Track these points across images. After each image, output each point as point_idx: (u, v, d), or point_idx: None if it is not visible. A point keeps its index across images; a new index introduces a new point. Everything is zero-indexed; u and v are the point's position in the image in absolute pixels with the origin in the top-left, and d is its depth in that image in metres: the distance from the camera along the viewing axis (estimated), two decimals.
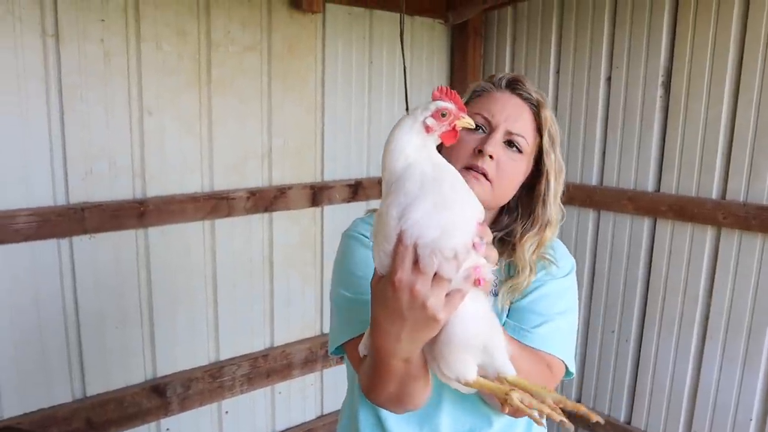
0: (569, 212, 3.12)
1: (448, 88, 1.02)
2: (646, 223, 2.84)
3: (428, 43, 3.24)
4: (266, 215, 2.80)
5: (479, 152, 1.26)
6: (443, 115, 0.99)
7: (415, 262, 0.89)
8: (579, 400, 3.19)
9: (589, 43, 2.95)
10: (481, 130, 1.30)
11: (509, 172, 1.30)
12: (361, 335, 1.16)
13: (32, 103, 2.15)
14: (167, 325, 2.59)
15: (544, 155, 1.33)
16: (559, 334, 1.33)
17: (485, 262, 0.93)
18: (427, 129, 0.98)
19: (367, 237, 1.35)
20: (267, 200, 2.77)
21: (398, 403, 1.14)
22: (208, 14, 2.48)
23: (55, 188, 2.24)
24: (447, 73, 3.38)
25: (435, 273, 0.89)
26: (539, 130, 1.33)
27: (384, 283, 0.94)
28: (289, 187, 2.84)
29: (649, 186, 2.81)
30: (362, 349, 1.12)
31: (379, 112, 3.13)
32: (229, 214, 2.66)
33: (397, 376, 1.06)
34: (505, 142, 1.29)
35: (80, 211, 2.26)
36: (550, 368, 1.30)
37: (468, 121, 1.00)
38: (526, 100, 1.33)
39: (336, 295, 1.35)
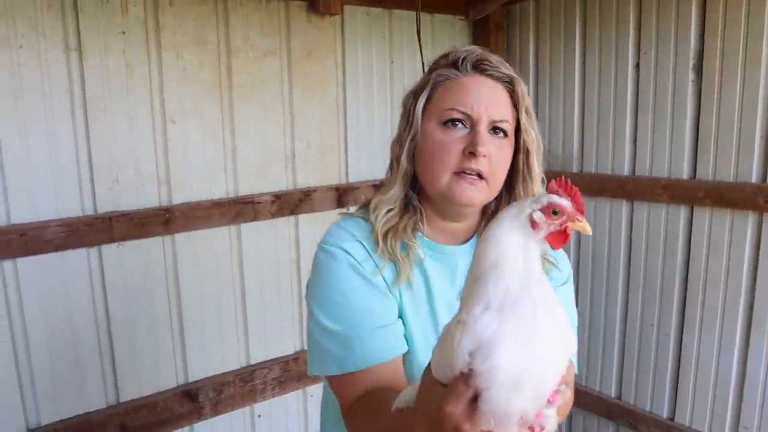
0: (601, 204, 3.08)
1: (568, 181, 0.89)
2: (682, 211, 2.74)
3: (449, 41, 3.20)
4: (292, 218, 2.81)
5: (470, 154, 1.19)
6: (555, 213, 0.86)
7: (474, 399, 0.79)
8: (619, 396, 3.09)
9: (615, 30, 2.87)
10: (460, 125, 1.22)
11: (501, 163, 1.25)
12: (352, 374, 1.15)
13: (58, 117, 2.20)
14: (197, 330, 2.61)
15: (523, 132, 1.26)
16: None
17: (553, 413, 0.83)
18: (534, 225, 0.87)
19: (345, 250, 1.24)
20: (292, 203, 2.77)
21: None
22: (226, 22, 2.51)
23: (83, 199, 2.29)
24: None
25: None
26: (515, 105, 1.25)
27: (434, 399, 0.84)
28: (314, 190, 2.84)
29: (684, 173, 2.71)
30: (398, 402, 1.05)
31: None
32: (254, 219, 2.67)
33: None
34: (489, 131, 1.22)
35: (108, 221, 2.30)
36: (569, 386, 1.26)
37: (584, 227, 0.87)
38: (498, 79, 1.25)
39: (316, 323, 1.24)
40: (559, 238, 0.89)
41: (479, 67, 1.24)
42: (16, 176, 2.15)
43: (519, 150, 1.28)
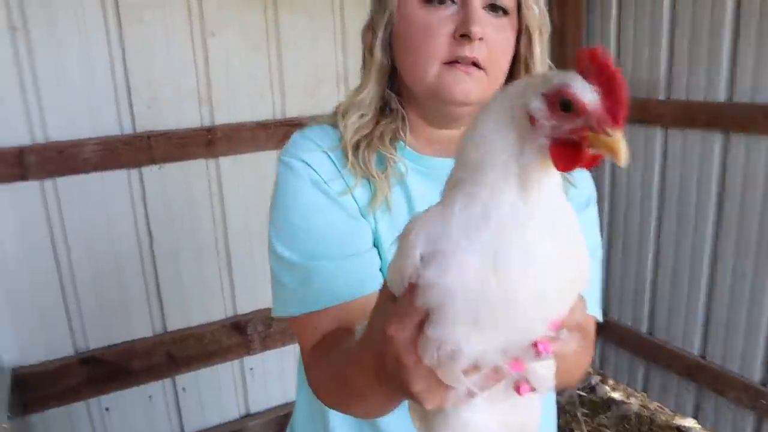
0: (691, 136, 2.72)
1: (606, 55, 0.52)
2: None
3: None
4: None
5: (462, 37, 0.91)
6: (566, 108, 0.53)
7: (422, 324, 0.59)
8: (704, 355, 2.76)
9: None
10: (448, 2, 0.93)
11: (502, 48, 0.96)
12: (312, 314, 0.92)
13: (91, 29, 2.08)
14: (245, 261, 2.48)
15: (524, 8, 0.96)
16: (590, 285, 1.03)
17: (547, 367, 0.62)
18: (533, 121, 0.56)
19: (307, 163, 0.99)
20: None
21: (349, 413, 0.91)
22: None
23: (121, 117, 2.18)
24: (545, 8, 2.97)
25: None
26: None
27: (382, 319, 0.65)
28: None
29: None
30: (359, 334, 0.80)
31: None
32: None
33: (360, 399, 0.81)
34: (485, 8, 0.94)
35: (146, 139, 2.18)
36: (588, 334, 1.00)
37: (614, 145, 0.52)
38: None
39: (273, 252, 1.01)
40: (568, 154, 0.54)
41: None
42: (51, 93, 2.07)
43: (521, 31, 0.99)
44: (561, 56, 2.99)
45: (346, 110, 1.04)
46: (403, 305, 0.61)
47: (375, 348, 0.66)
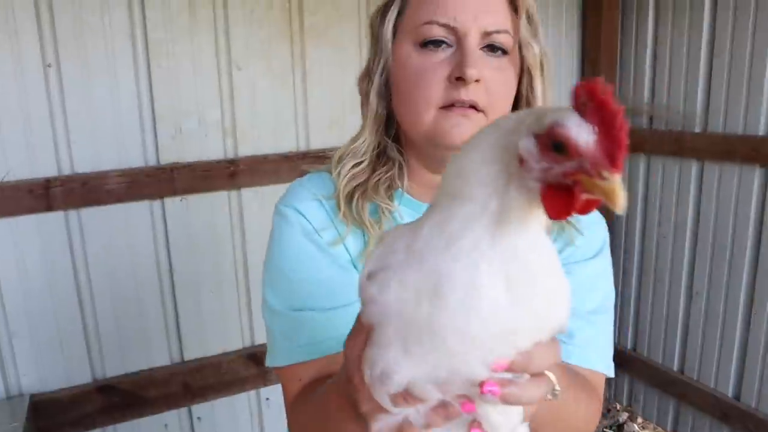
0: (728, 169, 2.62)
1: (605, 88, 0.46)
2: None
3: (554, 6, 2.83)
4: None
5: (458, 80, 0.88)
6: (558, 150, 0.48)
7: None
8: (738, 397, 2.66)
9: None
10: (443, 44, 0.90)
11: (502, 89, 0.92)
12: (298, 366, 0.90)
13: (120, 62, 2.10)
14: None
15: (523, 48, 0.93)
16: (599, 340, 0.98)
17: (507, 409, 0.58)
18: (522, 161, 0.51)
19: (299, 212, 0.98)
20: None
21: None
22: None
23: (146, 149, 2.20)
24: (579, 12, 2.92)
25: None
26: (515, 9, 0.93)
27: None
28: None
29: None
30: None
31: None
32: None
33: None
34: (483, 49, 0.90)
35: (169, 171, 2.20)
36: (595, 388, 0.96)
37: (611, 190, 0.46)
38: None
39: (265, 301, 1.00)
40: (560, 200, 0.49)
41: None
42: (79, 125, 2.10)
43: (522, 70, 0.96)
44: None
45: (341, 158, 1.02)
46: (356, 321, 0.61)
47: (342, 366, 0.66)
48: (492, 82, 0.90)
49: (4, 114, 1.99)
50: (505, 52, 0.93)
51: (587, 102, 0.47)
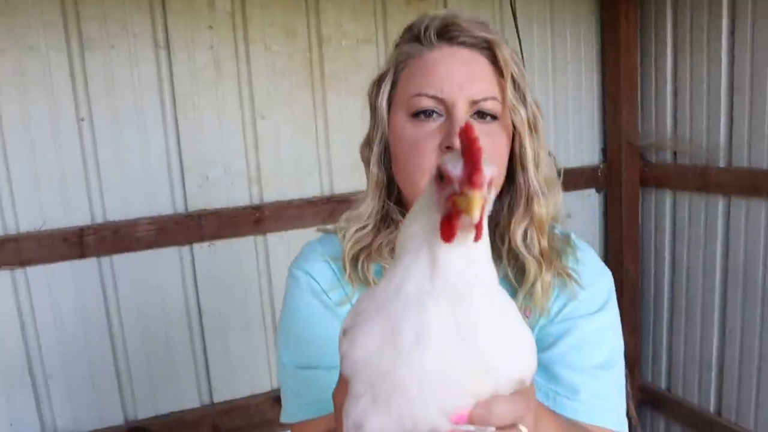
0: (755, 204, 2.58)
1: (469, 126, 0.58)
2: None
3: (572, 19, 2.85)
4: None
5: (448, 149, 0.92)
6: (441, 178, 0.60)
7: None
8: None
9: None
10: (434, 114, 0.95)
11: (494, 153, 0.96)
12: (308, 422, 0.93)
13: (148, 115, 2.21)
14: None
15: (511, 112, 0.96)
16: (607, 395, 0.98)
17: None
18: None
19: (309, 273, 1.04)
20: None
21: None
22: (317, 9, 2.38)
23: (174, 196, 2.28)
24: (597, 49, 2.95)
25: None
26: (502, 75, 0.96)
27: None
28: None
29: None
30: None
31: None
32: None
33: None
34: (473, 116, 0.95)
35: (197, 218, 2.28)
36: None
37: (468, 203, 0.55)
38: (473, 46, 0.96)
39: (279, 359, 1.06)
40: (448, 225, 0.58)
41: (446, 35, 0.97)
42: (111, 175, 2.19)
43: (515, 130, 1.00)
44: (615, 125, 2.94)
45: (347, 223, 1.07)
46: (339, 375, 0.65)
47: None
48: (482, 148, 0.94)
49: (41, 166, 2.10)
50: (494, 117, 0.97)
51: (460, 140, 0.58)
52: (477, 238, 0.58)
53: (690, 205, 2.85)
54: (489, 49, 0.97)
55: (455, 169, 0.57)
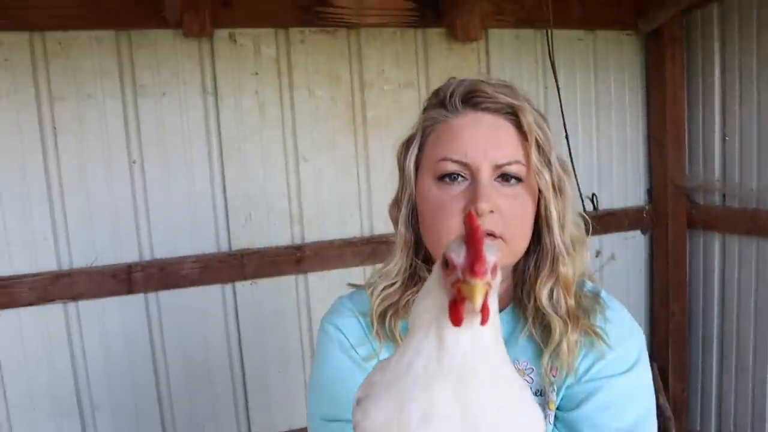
0: None
1: (473, 215, 0.62)
2: None
3: (616, 61, 2.84)
4: None
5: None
6: (447, 266, 0.62)
7: None
8: None
9: None
10: (460, 178, 0.97)
11: (518, 215, 0.98)
12: None
13: (196, 158, 2.31)
14: None
15: (535, 175, 0.97)
16: None
17: None
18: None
19: (338, 328, 1.07)
20: None
21: None
22: (359, 56, 2.45)
23: (218, 236, 2.36)
24: (642, 92, 2.92)
25: None
26: (526, 138, 0.97)
27: None
28: None
29: None
30: None
31: (560, 138, 2.81)
32: None
33: None
34: (497, 179, 0.96)
35: (240, 257, 2.34)
36: None
37: (470, 291, 0.58)
38: (497, 111, 0.98)
39: (308, 409, 1.09)
40: (455, 309, 0.60)
41: (471, 101, 0.99)
42: (159, 215, 2.29)
43: (540, 192, 1.01)
44: (661, 167, 2.90)
45: (375, 280, 1.10)
46: None
47: None
48: (506, 210, 0.96)
49: (94, 206, 2.21)
50: (519, 179, 0.98)
51: (464, 228, 0.61)
52: (483, 322, 0.60)
53: (740, 248, 2.77)
54: (513, 114, 0.98)
55: (459, 256, 0.60)
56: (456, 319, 0.60)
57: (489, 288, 0.58)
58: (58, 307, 2.20)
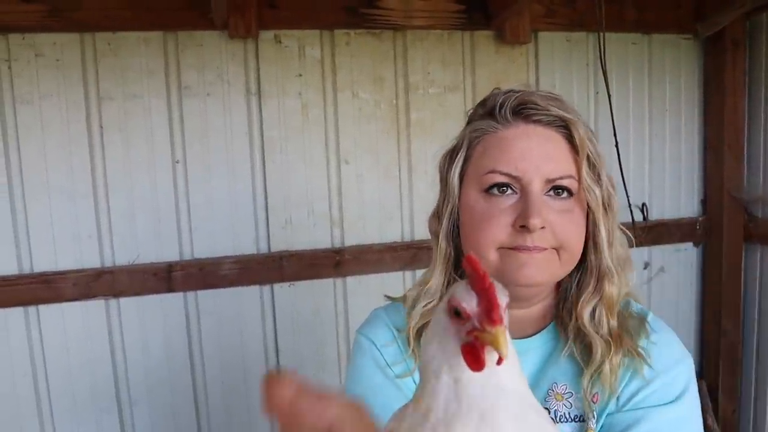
0: None
1: (474, 262, 0.60)
2: None
3: (672, 65, 2.72)
4: None
5: (522, 227, 0.90)
6: (457, 314, 0.61)
7: None
8: None
9: None
10: (509, 190, 0.93)
11: (570, 229, 0.94)
12: None
13: (238, 159, 2.30)
14: None
15: (585, 191, 0.93)
16: None
17: None
18: (448, 330, 0.63)
19: (373, 342, 1.04)
20: None
21: None
22: (405, 58, 2.41)
23: (258, 237, 2.35)
24: (699, 99, 2.79)
25: None
26: (578, 152, 0.93)
27: None
28: None
29: None
30: None
31: (610, 144, 2.71)
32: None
33: None
34: (548, 193, 0.93)
35: (279, 259, 2.33)
36: None
37: (495, 339, 0.56)
38: (549, 124, 0.94)
39: None
40: (474, 353, 0.59)
41: (522, 113, 0.95)
42: (200, 215, 2.29)
43: (590, 207, 0.97)
44: (717, 176, 2.77)
45: (414, 298, 1.07)
46: None
47: None
48: (558, 225, 0.93)
49: (138, 204, 2.23)
50: (570, 193, 0.94)
51: (468, 273, 0.60)
52: (500, 362, 0.59)
53: None
54: (565, 128, 0.95)
55: (470, 305, 0.59)
56: (478, 366, 0.59)
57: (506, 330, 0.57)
58: (100, 303, 2.23)
